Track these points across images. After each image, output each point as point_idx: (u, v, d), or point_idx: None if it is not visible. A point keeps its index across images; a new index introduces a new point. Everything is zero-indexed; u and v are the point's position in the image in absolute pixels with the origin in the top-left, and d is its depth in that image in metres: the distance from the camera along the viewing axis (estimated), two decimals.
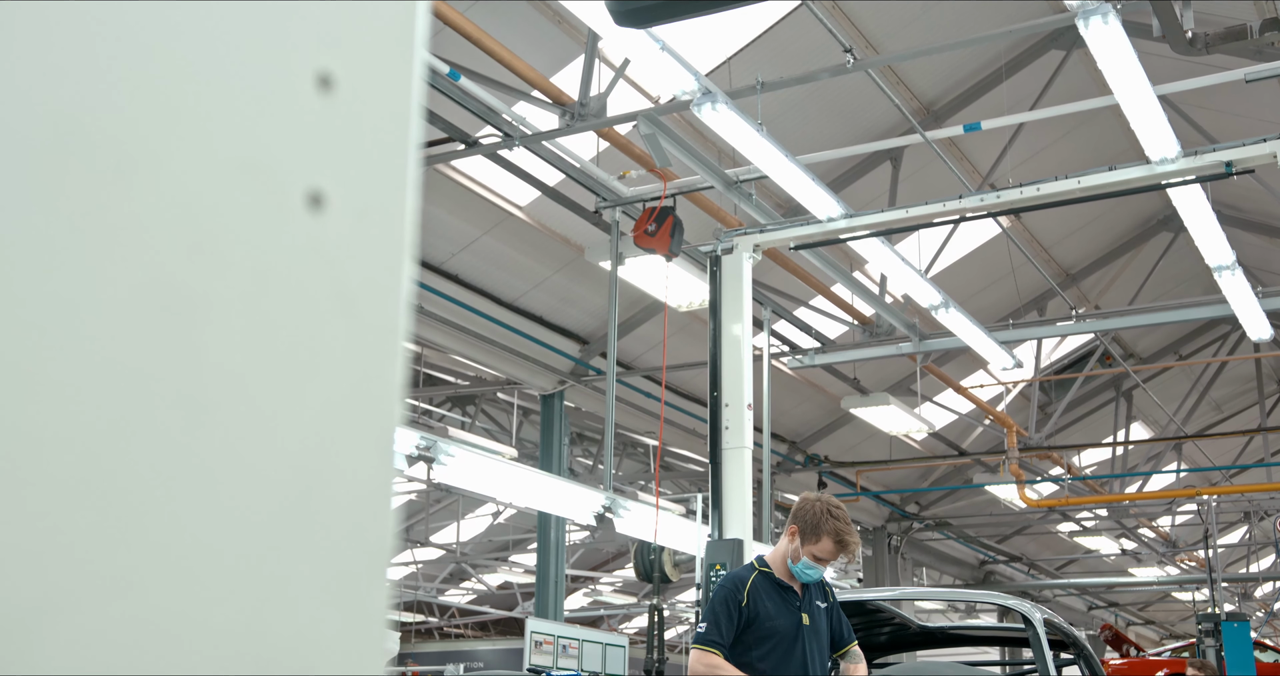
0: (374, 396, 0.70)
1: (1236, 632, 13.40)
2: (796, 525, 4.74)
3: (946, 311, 12.51)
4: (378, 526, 0.71)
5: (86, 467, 0.59)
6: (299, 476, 0.66)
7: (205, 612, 0.61)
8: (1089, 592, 29.80)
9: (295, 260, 0.67)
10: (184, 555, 0.61)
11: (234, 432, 0.63)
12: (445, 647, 28.77)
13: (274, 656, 0.63)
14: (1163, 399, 19.88)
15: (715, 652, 4.55)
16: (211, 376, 0.63)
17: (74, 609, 0.58)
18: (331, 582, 0.67)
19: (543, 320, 15.00)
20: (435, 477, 14.53)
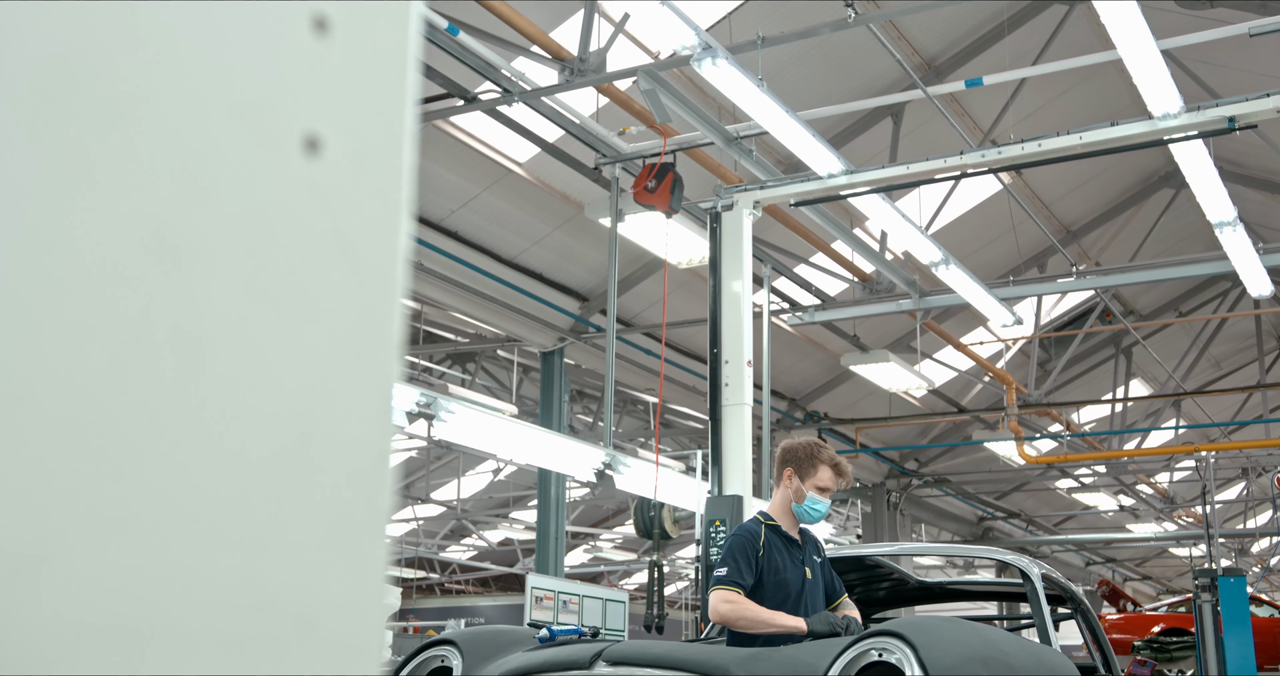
0: (373, 341, 0.70)
1: (1233, 588, 13.47)
2: (790, 466, 4.80)
3: (947, 268, 12.49)
4: (376, 471, 0.71)
5: (82, 408, 0.59)
6: (297, 420, 0.66)
7: (202, 556, 0.61)
8: (1087, 548, 29.96)
9: (292, 204, 0.66)
10: (181, 497, 0.61)
11: (231, 375, 0.63)
12: (446, 603, 28.98)
13: (273, 600, 0.63)
14: (1162, 356, 19.89)
15: (738, 592, 4.57)
16: (208, 319, 0.63)
17: (70, 551, 0.57)
18: (331, 526, 0.67)
19: (542, 277, 14.98)
20: (435, 434, 14.58)
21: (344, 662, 0.68)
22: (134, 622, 0.62)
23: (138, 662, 0.64)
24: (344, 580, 0.67)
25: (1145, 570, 34.24)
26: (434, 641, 4.77)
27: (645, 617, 11.12)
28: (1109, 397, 20.99)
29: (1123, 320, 17.91)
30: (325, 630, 0.66)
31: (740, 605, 4.59)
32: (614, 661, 4.25)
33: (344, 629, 0.67)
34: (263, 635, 0.65)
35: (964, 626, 4.26)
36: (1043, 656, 4.58)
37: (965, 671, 3.83)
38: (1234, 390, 21.40)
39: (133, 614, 0.61)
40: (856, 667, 3.89)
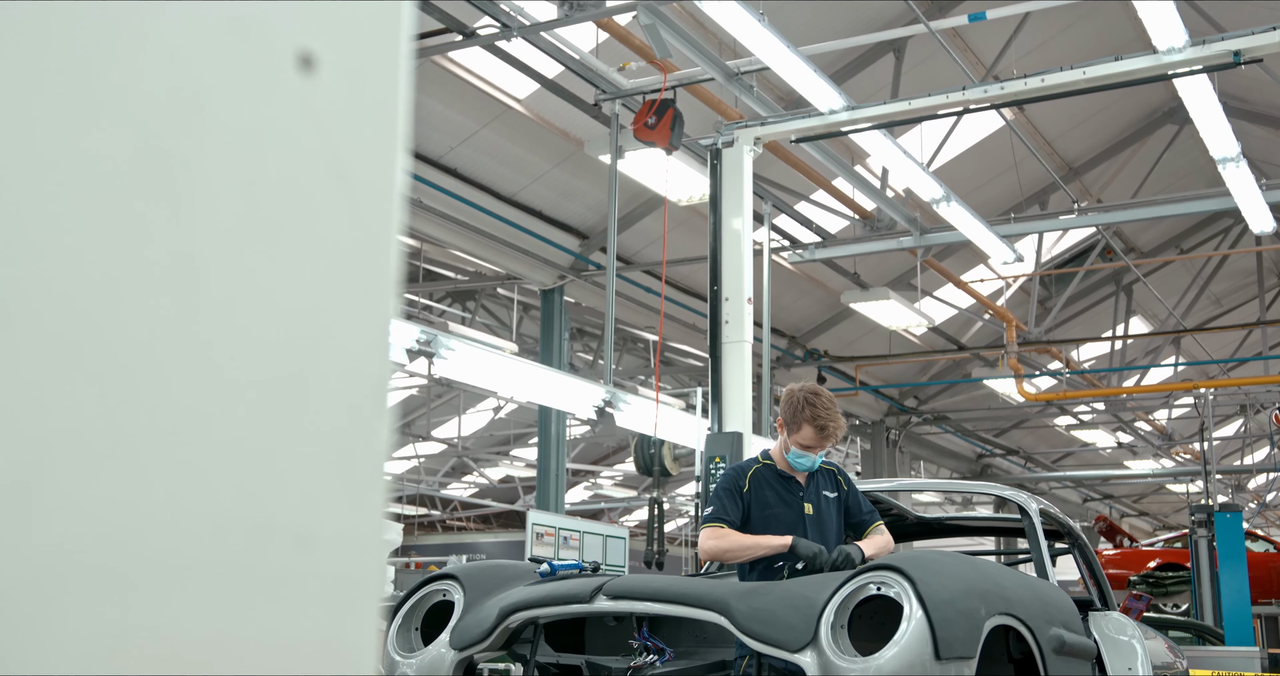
0: (370, 266, 0.69)
1: (1229, 523, 13.58)
2: (781, 417, 4.82)
3: (948, 205, 12.44)
4: (374, 395, 0.70)
5: (79, 332, 0.58)
6: (295, 343, 0.65)
7: (199, 478, 0.61)
8: (1084, 485, 30.13)
9: (286, 123, 0.65)
10: (177, 420, 0.60)
11: (227, 299, 0.62)
12: (447, 540, 29.19)
13: (271, 522, 0.63)
14: (1163, 293, 19.87)
15: (721, 525, 4.62)
16: (202, 241, 0.62)
17: (69, 474, 0.57)
18: (328, 449, 0.67)
19: (542, 215, 14.92)
20: (436, 372, 14.59)
21: (343, 583, 0.68)
22: (132, 544, 0.62)
23: (136, 583, 0.64)
24: (342, 502, 0.67)
25: (1142, 506, 34.47)
26: (435, 576, 4.81)
27: (645, 554, 11.20)
28: (1109, 335, 21.00)
29: (1124, 257, 17.88)
30: (324, 551, 0.66)
31: (723, 536, 4.61)
32: (614, 595, 4.29)
33: (343, 550, 0.67)
34: (261, 557, 0.65)
35: (962, 561, 4.29)
36: (1040, 590, 4.62)
37: (963, 605, 3.86)
38: (1234, 327, 21.40)
39: (131, 536, 0.61)
40: (855, 601, 3.92)
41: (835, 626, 3.84)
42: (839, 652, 3.77)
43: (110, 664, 0.70)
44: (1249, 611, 13.17)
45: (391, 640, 4.61)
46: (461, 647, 4.43)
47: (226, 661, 0.74)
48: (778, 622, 3.93)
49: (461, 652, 4.43)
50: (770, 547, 4.56)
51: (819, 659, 3.79)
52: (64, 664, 0.68)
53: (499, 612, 4.40)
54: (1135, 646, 5.60)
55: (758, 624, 3.95)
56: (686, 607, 4.18)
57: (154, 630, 0.70)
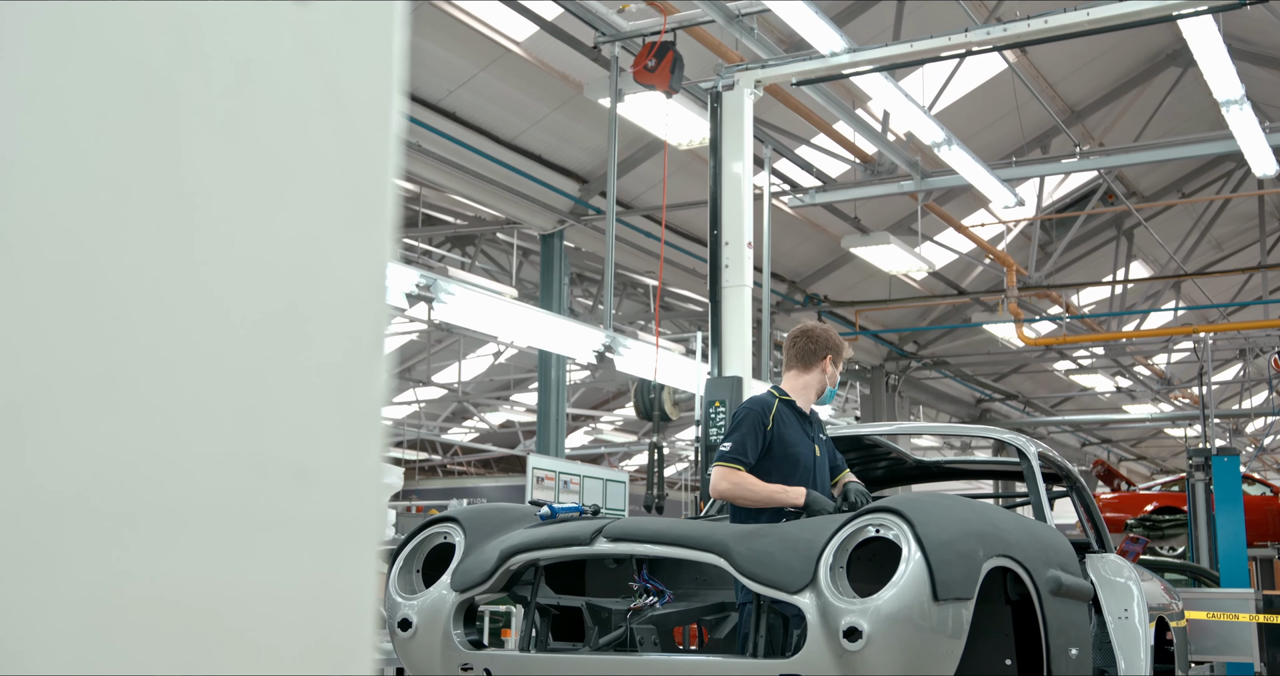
0: (366, 196, 0.68)
1: (1226, 466, 13.62)
2: (831, 353, 4.85)
3: (949, 149, 12.38)
4: (371, 327, 0.70)
5: (73, 265, 0.57)
6: (292, 274, 0.64)
7: (196, 409, 0.60)
8: (1083, 429, 30.23)
9: (281, 51, 0.64)
10: (173, 352, 0.60)
11: (222, 230, 0.62)
12: (448, 484, 29.34)
13: (269, 454, 0.63)
14: (1164, 237, 19.82)
15: (740, 468, 4.58)
16: (197, 171, 0.61)
17: (62, 404, 0.57)
18: (326, 381, 0.66)
19: (541, 159, 14.85)
20: (436, 316, 14.59)
21: (342, 518, 0.68)
22: (131, 480, 0.62)
23: (135, 523, 0.64)
24: (340, 436, 0.67)
25: (1140, 451, 34.61)
26: (436, 519, 4.83)
27: (645, 498, 11.26)
28: (1109, 280, 20.97)
29: (1125, 201, 17.81)
30: (323, 485, 0.66)
31: (740, 482, 4.60)
32: (614, 537, 4.31)
33: (342, 484, 0.67)
34: (260, 491, 0.65)
35: (960, 503, 4.31)
36: (1038, 533, 4.65)
37: (961, 547, 3.88)
38: (1234, 271, 21.36)
39: (130, 472, 0.61)
40: (854, 543, 3.94)
41: (834, 568, 3.87)
42: (838, 594, 3.80)
43: (110, 607, 0.70)
44: (1244, 554, 13.25)
45: (393, 582, 4.65)
46: (462, 589, 4.46)
47: (228, 600, 0.74)
48: (777, 564, 3.95)
49: (462, 594, 4.46)
50: (783, 502, 4.54)
51: (818, 600, 3.81)
52: (63, 608, 0.69)
53: (500, 555, 4.42)
54: (1131, 588, 5.64)
55: (757, 565, 3.98)
56: (686, 549, 4.20)
57: (153, 571, 0.70)
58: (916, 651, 3.73)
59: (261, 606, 0.75)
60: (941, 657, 3.78)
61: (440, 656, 4.47)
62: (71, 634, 0.69)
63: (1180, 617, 6.71)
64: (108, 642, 0.71)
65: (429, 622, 4.48)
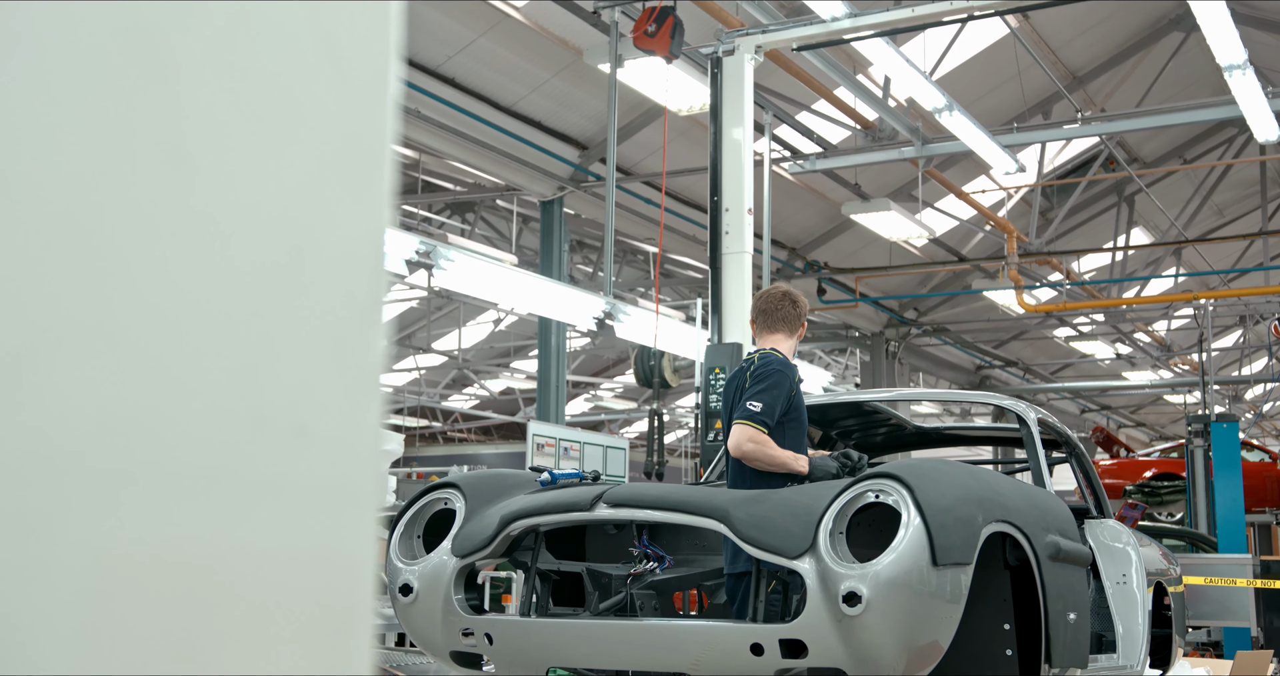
0: (363, 154, 0.68)
1: (1225, 433, 13.63)
2: (802, 320, 4.85)
3: (950, 115, 12.33)
4: (369, 285, 0.69)
5: (68, 218, 0.57)
6: (288, 231, 0.64)
7: (193, 365, 0.60)
8: (1082, 396, 30.26)
9: (277, 2, 0.63)
10: (170, 307, 0.59)
11: (218, 186, 0.61)
12: (448, 451, 29.40)
13: (267, 410, 0.62)
14: (1165, 204, 19.76)
15: (765, 431, 4.57)
16: (194, 124, 0.60)
17: (63, 361, 0.57)
18: (323, 338, 0.66)
19: (541, 125, 14.79)
20: (436, 283, 14.58)
21: (341, 474, 0.68)
22: (129, 437, 0.62)
23: (131, 470, 0.64)
24: (339, 392, 0.66)
25: (1139, 417, 34.66)
26: (437, 484, 4.84)
27: (645, 464, 11.28)
28: (1109, 246, 20.94)
29: (1126, 167, 17.75)
30: (321, 442, 0.66)
31: (764, 445, 4.56)
32: (614, 503, 4.32)
33: (340, 441, 0.66)
34: (258, 444, 0.64)
35: (960, 469, 4.32)
36: (1037, 498, 4.66)
37: (960, 512, 3.90)
38: (1235, 238, 21.32)
39: (127, 428, 0.60)
40: (854, 509, 3.95)
41: (833, 533, 3.88)
42: (837, 559, 3.81)
43: (111, 569, 0.70)
44: (1242, 520, 13.29)
45: (394, 547, 4.66)
46: (463, 555, 4.48)
47: (229, 561, 0.74)
48: (776, 530, 3.96)
49: (463, 560, 4.48)
50: (794, 470, 4.56)
51: (817, 566, 3.83)
52: (62, 572, 0.69)
53: (500, 520, 4.44)
54: (1130, 553, 5.67)
55: (756, 531, 3.99)
56: (686, 515, 4.21)
57: (153, 531, 0.70)
58: (915, 616, 3.75)
59: (262, 567, 0.75)
60: (940, 622, 3.80)
61: (441, 621, 4.49)
62: (73, 597, 0.69)
63: (1178, 582, 6.75)
64: (109, 606, 0.71)
65: (430, 588, 4.50)
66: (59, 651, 0.69)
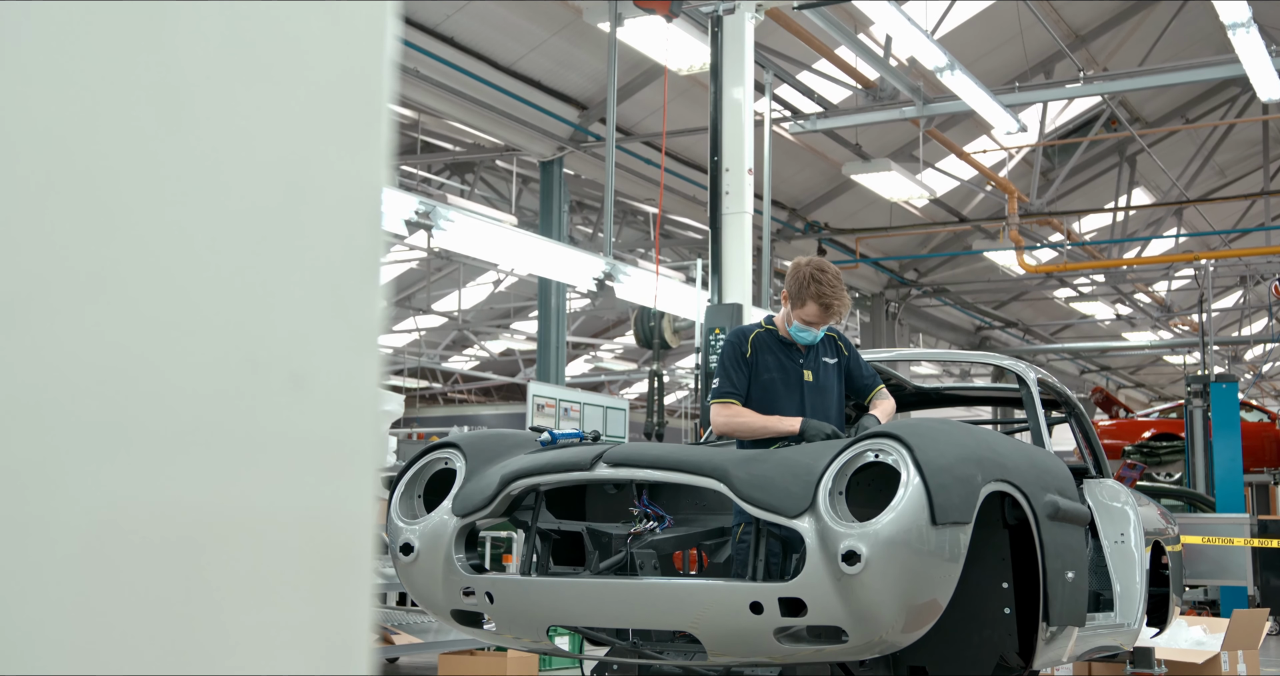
0: (361, 97, 0.67)
1: (1225, 393, 13.66)
2: (786, 290, 4.84)
3: (952, 74, 12.26)
4: (367, 231, 0.69)
5: (63, 161, 0.56)
6: (285, 175, 0.63)
7: (190, 311, 0.60)
8: (1082, 357, 30.29)
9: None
10: (166, 249, 0.59)
11: (213, 129, 0.60)
12: (449, 412, 29.46)
13: (264, 357, 0.62)
14: (1167, 164, 19.69)
15: (733, 402, 4.71)
16: (188, 69, 0.59)
17: (60, 302, 0.56)
18: (321, 285, 0.65)
19: (540, 85, 14.72)
20: (435, 243, 14.55)
21: (338, 424, 0.68)
22: (125, 377, 0.61)
23: (129, 419, 0.63)
24: (336, 337, 0.66)
25: (1139, 378, 34.71)
26: (437, 444, 4.84)
27: (645, 425, 11.30)
28: (1111, 206, 20.89)
29: (1128, 127, 17.68)
30: (318, 391, 0.65)
31: (736, 415, 4.71)
32: (614, 463, 4.32)
33: (337, 389, 0.66)
34: (254, 391, 0.64)
35: (959, 428, 4.33)
36: (1036, 458, 4.67)
37: (960, 472, 3.90)
38: (1237, 197, 21.27)
39: (124, 368, 0.60)
40: (853, 468, 3.96)
41: (833, 493, 3.89)
42: (836, 518, 3.82)
43: (110, 524, 0.70)
44: (1240, 480, 13.34)
45: (394, 507, 4.67)
46: (463, 514, 4.49)
47: (228, 512, 0.74)
48: (776, 489, 3.97)
49: (464, 519, 4.49)
50: (780, 431, 4.62)
51: (816, 525, 3.83)
52: (64, 527, 0.68)
53: (500, 480, 4.44)
54: (1128, 512, 5.68)
55: (756, 490, 3.99)
56: (685, 474, 4.22)
57: (151, 484, 0.70)
58: (914, 574, 3.76)
59: (261, 519, 0.75)
60: (939, 581, 3.81)
61: (442, 580, 4.51)
62: (72, 555, 0.69)
63: (1176, 542, 6.77)
64: (106, 565, 0.71)
65: (431, 547, 4.51)
66: (57, 611, 0.69)
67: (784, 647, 3.96)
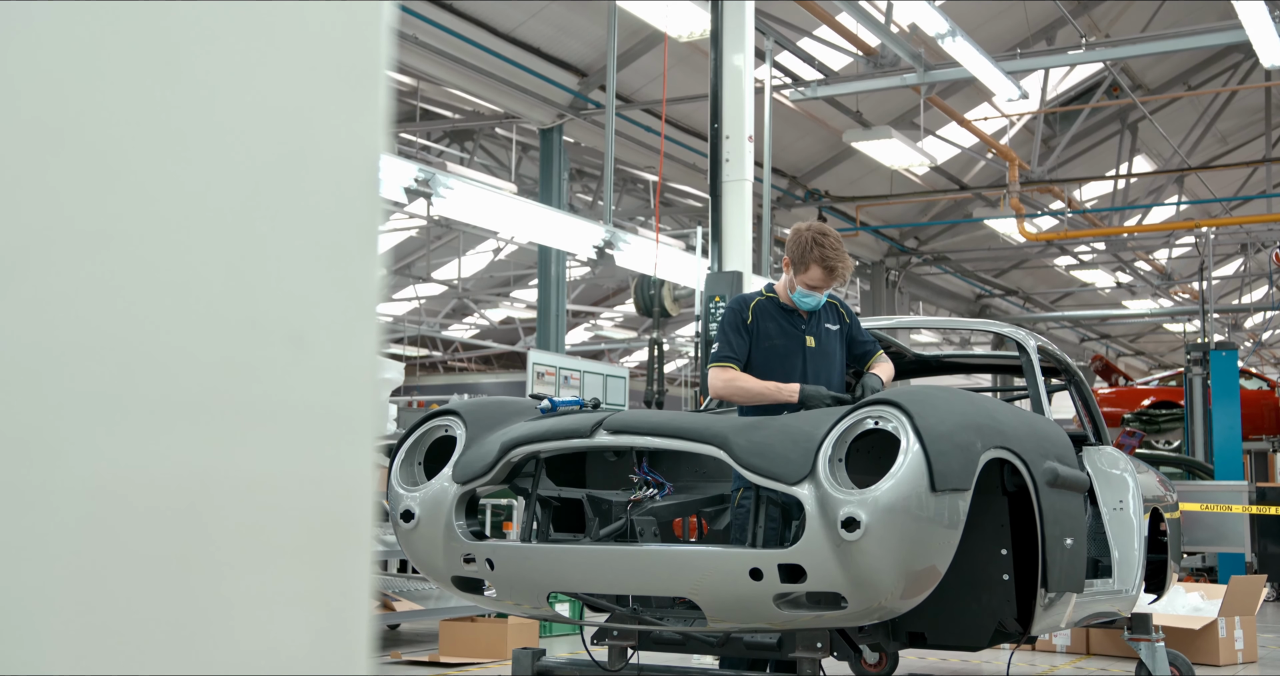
0: (359, 54, 0.66)
1: (1224, 361, 13.67)
2: (788, 256, 4.84)
3: (953, 40, 12.20)
4: (365, 189, 0.68)
5: (61, 114, 0.56)
6: (282, 125, 0.62)
7: (187, 267, 0.59)
8: (1082, 325, 30.29)
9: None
10: (162, 206, 0.58)
11: (211, 85, 0.60)
12: (449, 380, 29.50)
13: (262, 316, 0.62)
14: (1168, 131, 19.63)
15: (731, 366, 4.72)
16: (186, 28, 0.59)
17: (53, 259, 0.56)
18: (319, 243, 0.65)
19: (540, 52, 14.64)
20: (435, 211, 14.52)
21: (336, 382, 0.67)
22: (125, 337, 0.61)
23: (128, 378, 0.63)
24: (334, 300, 0.66)
25: (1139, 346, 34.72)
26: (438, 412, 4.84)
27: (645, 393, 11.32)
28: (1112, 174, 20.83)
29: (1130, 94, 17.60)
30: (317, 350, 0.65)
31: (734, 379, 4.72)
32: (614, 430, 4.33)
33: (335, 349, 0.66)
34: (253, 351, 0.64)
35: (959, 396, 4.32)
36: (1035, 425, 4.67)
37: (959, 439, 3.90)
38: (1238, 165, 21.20)
39: (124, 327, 0.60)
40: (853, 435, 3.96)
41: (833, 460, 3.89)
42: (836, 485, 3.82)
43: (109, 493, 0.70)
44: (1239, 447, 13.37)
45: (395, 474, 4.67)
46: (464, 481, 4.49)
47: (230, 474, 0.74)
48: (775, 456, 3.97)
49: (464, 486, 4.49)
50: (779, 399, 4.63)
51: (816, 492, 3.84)
52: (63, 497, 0.68)
53: (501, 447, 4.44)
54: (1127, 479, 5.69)
55: (756, 457, 4.00)
56: (685, 442, 4.22)
57: (153, 447, 0.70)
58: (913, 541, 3.77)
59: (262, 484, 0.75)
60: (938, 547, 3.82)
61: (443, 547, 4.52)
62: (74, 522, 0.69)
63: (1174, 509, 6.78)
64: (109, 528, 0.71)
65: (431, 514, 4.52)
66: (59, 577, 0.69)
67: (783, 613, 3.97)
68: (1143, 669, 6.39)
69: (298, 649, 0.78)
